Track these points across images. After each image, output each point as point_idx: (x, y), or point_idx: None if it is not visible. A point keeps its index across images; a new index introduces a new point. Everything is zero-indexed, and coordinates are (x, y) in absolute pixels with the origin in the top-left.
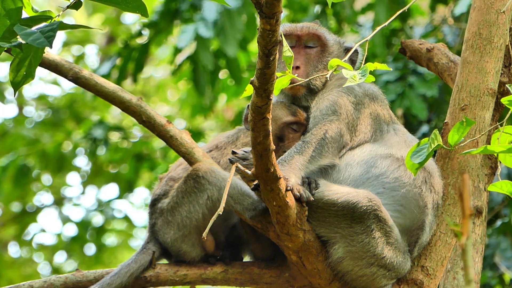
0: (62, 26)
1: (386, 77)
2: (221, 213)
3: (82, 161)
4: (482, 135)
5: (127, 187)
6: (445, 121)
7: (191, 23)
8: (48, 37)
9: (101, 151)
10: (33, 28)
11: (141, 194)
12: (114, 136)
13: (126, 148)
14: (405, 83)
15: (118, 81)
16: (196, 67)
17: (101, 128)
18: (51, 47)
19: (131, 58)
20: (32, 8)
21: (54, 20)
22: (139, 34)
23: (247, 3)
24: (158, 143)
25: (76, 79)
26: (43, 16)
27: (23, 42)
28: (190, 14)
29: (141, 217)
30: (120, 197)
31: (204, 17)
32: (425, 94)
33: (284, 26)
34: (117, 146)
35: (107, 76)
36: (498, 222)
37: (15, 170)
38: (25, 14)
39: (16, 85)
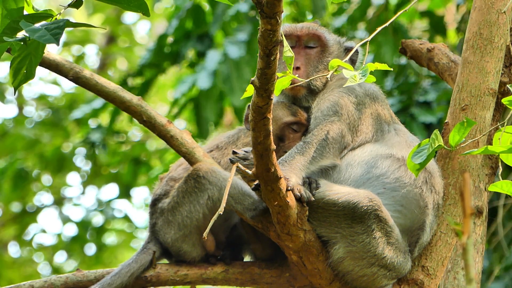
0: (68, 24)
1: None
2: (221, 213)
3: (82, 162)
4: (483, 135)
5: (125, 191)
6: (446, 121)
7: (192, 74)
8: (55, 34)
9: (100, 154)
10: (37, 25)
11: (142, 194)
12: (114, 138)
13: (124, 152)
14: (407, 114)
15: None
16: (198, 111)
17: (99, 132)
18: (58, 44)
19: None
20: (33, 8)
21: (56, 19)
22: (139, 73)
23: (253, 52)
24: (157, 144)
25: (76, 79)
26: (44, 14)
27: (27, 38)
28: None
29: (141, 217)
30: (120, 197)
31: (206, 66)
32: (424, 122)
33: (284, 27)
34: (116, 150)
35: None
36: None
37: (13, 173)
38: (25, 13)
39: (17, 84)
